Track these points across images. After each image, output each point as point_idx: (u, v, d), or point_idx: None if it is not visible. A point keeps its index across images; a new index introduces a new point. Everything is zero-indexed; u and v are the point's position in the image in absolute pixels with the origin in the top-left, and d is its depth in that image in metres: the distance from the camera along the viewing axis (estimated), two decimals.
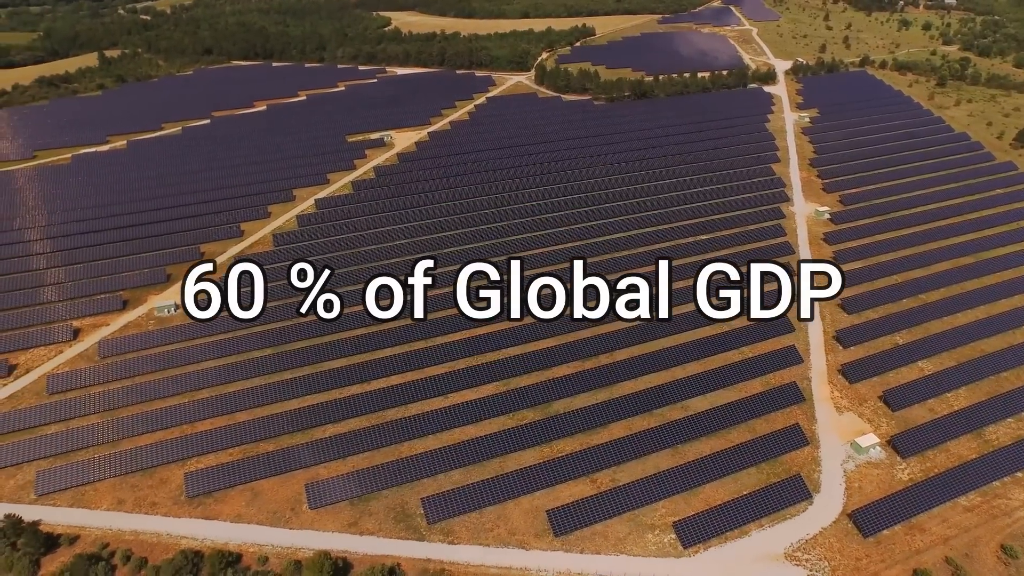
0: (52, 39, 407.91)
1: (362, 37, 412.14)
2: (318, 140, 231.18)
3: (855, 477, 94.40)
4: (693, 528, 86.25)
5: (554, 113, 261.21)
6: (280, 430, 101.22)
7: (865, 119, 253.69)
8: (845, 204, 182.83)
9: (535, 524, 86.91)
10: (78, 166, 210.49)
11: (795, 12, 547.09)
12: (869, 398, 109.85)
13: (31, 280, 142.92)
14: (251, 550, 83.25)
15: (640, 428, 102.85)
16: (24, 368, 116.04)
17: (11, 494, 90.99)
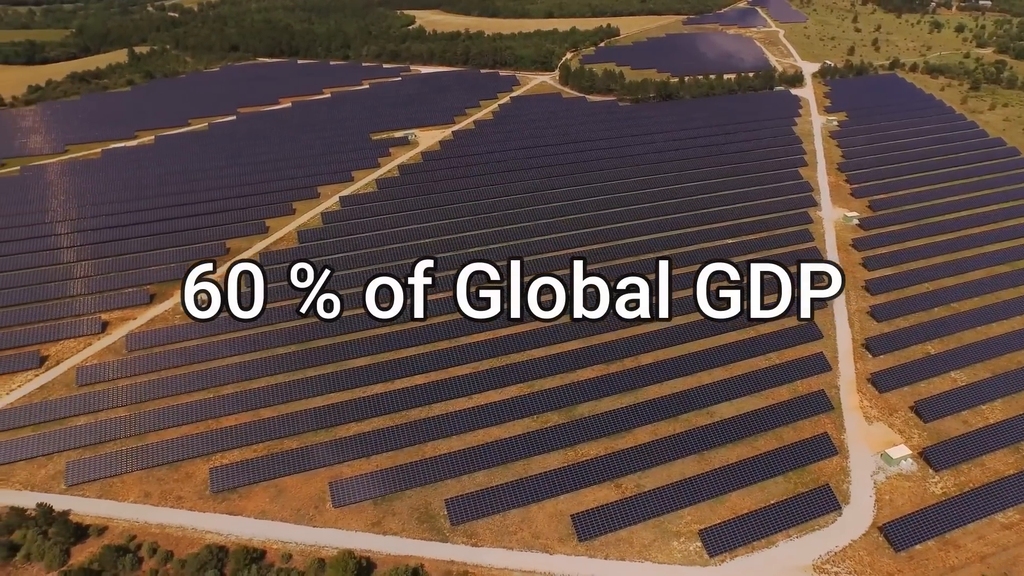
0: (84, 36, 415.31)
1: (386, 35, 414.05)
2: (343, 137, 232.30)
3: (886, 489, 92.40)
4: (719, 536, 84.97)
5: (579, 114, 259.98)
6: (304, 427, 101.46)
7: (895, 123, 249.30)
8: (874, 210, 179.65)
9: (559, 528, 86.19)
10: (107, 161, 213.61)
11: (822, 14, 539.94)
12: (900, 408, 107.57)
13: (61, 273, 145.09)
14: (275, 547, 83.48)
15: (665, 433, 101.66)
16: (54, 360, 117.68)
17: (42, 483, 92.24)
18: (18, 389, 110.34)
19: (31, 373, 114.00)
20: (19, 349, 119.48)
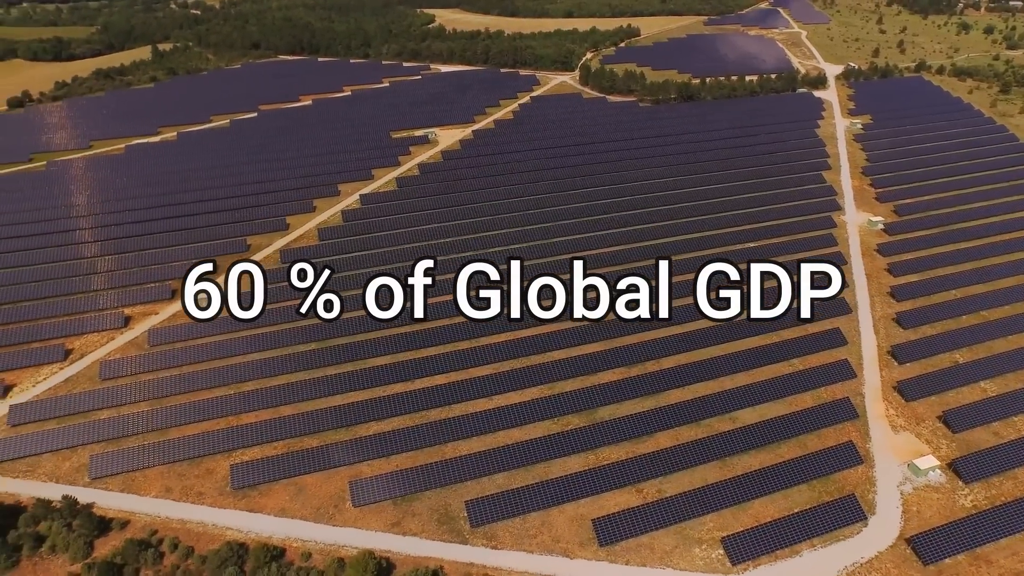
0: (109, 33, 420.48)
1: (406, 34, 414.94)
2: (363, 136, 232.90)
3: (913, 500, 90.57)
4: (742, 544, 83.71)
5: (599, 114, 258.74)
6: (324, 426, 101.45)
7: (921, 126, 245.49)
8: (900, 214, 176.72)
9: (579, 532, 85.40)
10: (131, 156, 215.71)
11: (846, 15, 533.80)
12: (927, 418, 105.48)
13: (85, 267, 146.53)
14: (295, 545, 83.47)
15: (687, 438, 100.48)
16: (78, 353, 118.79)
17: (67, 475, 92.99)
18: (44, 382, 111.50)
19: (56, 366, 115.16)
20: (45, 342, 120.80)
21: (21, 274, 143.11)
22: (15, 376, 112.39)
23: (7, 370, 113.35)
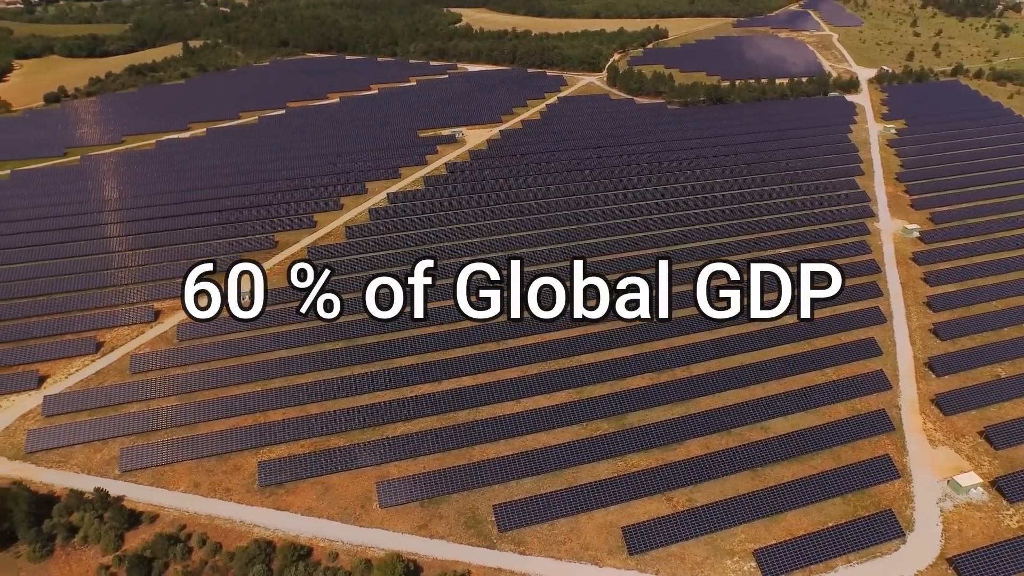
0: (141, 30, 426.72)
1: (433, 33, 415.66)
2: (390, 134, 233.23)
3: (954, 519, 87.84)
4: (775, 558, 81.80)
5: (627, 115, 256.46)
6: (351, 425, 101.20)
7: (958, 132, 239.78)
8: (936, 222, 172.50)
9: (609, 540, 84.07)
10: (161, 152, 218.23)
11: (879, 17, 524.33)
12: (967, 433, 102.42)
13: (117, 261, 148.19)
14: (322, 544, 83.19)
15: (718, 447, 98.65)
16: (109, 346, 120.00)
17: (98, 467, 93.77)
18: (76, 373, 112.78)
19: (88, 358, 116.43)
20: (77, 334, 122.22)
21: (55, 267, 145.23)
22: (49, 367, 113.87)
23: (41, 361, 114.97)
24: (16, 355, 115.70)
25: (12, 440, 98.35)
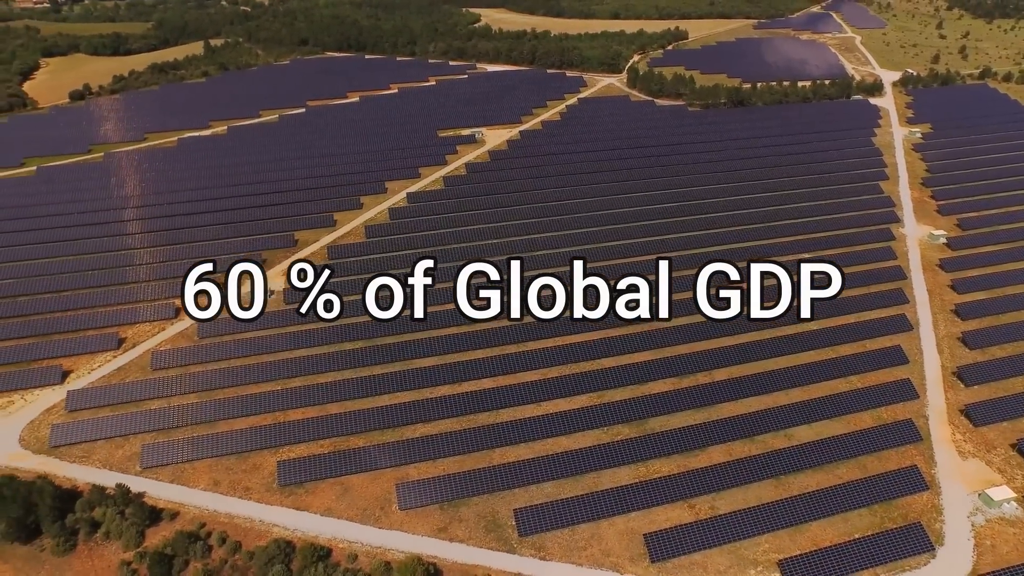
0: (164, 29, 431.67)
1: (452, 33, 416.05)
2: (410, 133, 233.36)
3: (986, 533, 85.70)
4: (800, 569, 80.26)
5: (648, 117, 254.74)
6: (370, 426, 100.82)
7: (986, 136, 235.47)
8: (963, 229, 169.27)
9: (630, 547, 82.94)
10: (182, 149, 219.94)
11: (903, 19, 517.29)
12: (998, 445, 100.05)
13: (139, 257, 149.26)
14: (341, 546, 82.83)
15: (741, 454, 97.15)
16: (131, 342, 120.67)
17: (120, 463, 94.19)
18: (98, 369, 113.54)
19: (110, 354, 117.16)
20: (100, 330, 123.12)
21: (78, 262, 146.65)
22: (72, 362, 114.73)
23: (65, 356, 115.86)
24: (40, 349, 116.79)
25: (37, 434, 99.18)
